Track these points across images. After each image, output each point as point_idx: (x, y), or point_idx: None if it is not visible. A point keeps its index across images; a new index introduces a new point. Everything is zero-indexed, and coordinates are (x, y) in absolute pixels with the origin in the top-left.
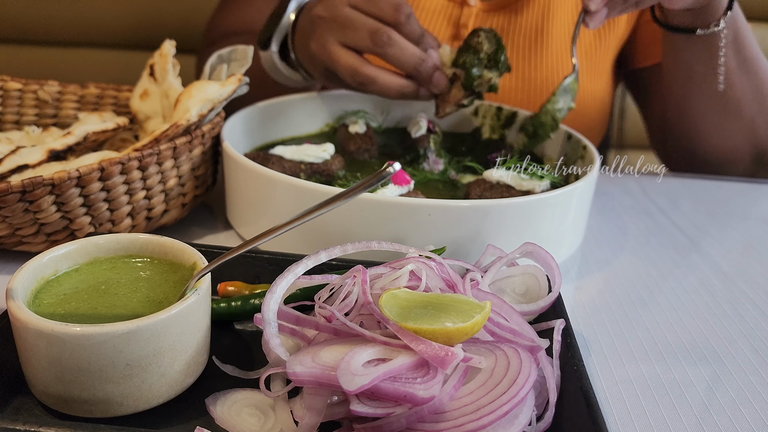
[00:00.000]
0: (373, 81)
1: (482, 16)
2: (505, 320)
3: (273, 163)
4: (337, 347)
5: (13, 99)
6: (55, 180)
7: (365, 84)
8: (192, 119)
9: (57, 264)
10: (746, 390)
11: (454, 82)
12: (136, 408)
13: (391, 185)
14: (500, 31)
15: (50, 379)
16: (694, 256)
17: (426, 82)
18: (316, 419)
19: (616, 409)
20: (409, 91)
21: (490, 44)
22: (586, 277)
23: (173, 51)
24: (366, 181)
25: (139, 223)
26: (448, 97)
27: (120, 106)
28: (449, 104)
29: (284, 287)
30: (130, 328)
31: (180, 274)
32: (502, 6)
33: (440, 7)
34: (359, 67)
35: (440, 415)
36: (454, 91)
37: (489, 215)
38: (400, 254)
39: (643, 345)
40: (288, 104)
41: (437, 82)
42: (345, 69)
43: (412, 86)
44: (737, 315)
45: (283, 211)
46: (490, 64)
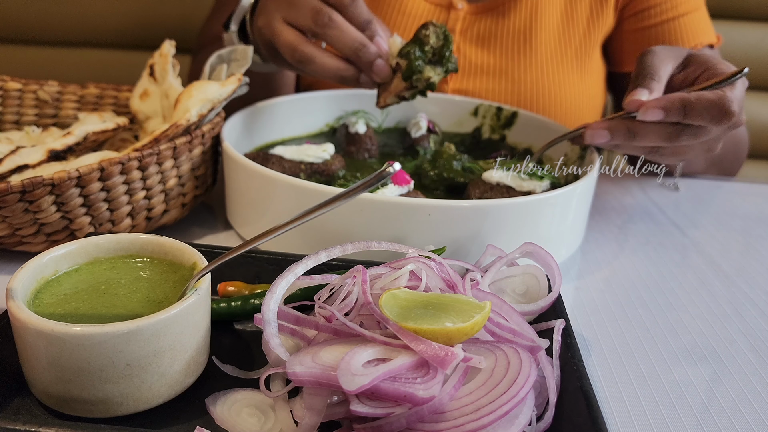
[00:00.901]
0: (311, 60)
1: (469, 19)
2: (505, 320)
3: (273, 163)
4: (337, 347)
5: (13, 99)
6: (55, 180)
7: (303, 62)
8: (192, 119)
9: (57, 264)
10: (746, 390)
11: (396, 72)
12: (136, 408)
13: (391, 185)
14: (488, 33)
15: (50, 379)
16: (694, 256)
17: (366, 68)
18: (316, 419)
19: (616, 409)
20: (348, 75)
21: (437, 38)
22: (586, 277)
23: (173, 51)
24: (366, 181)
25: (139, 223)
26: (390, 88)
27: (120, 106)
28: (390, 95)
29: (284, 287)
30: (130, 328)
31: (180, 274)
32: (488, 9)
33: (426, 12)
34: (298, 44)
35: (440, 415)
36: (396, 81)
37: (489, 215)
38: (400, 254)
39: (643, 345)
40: (288, 104)
41: (378, 70)
42: (285, 46)
43: (351, 71)
44: (737, 315)
45: (283, 211)
46: (434, 59)
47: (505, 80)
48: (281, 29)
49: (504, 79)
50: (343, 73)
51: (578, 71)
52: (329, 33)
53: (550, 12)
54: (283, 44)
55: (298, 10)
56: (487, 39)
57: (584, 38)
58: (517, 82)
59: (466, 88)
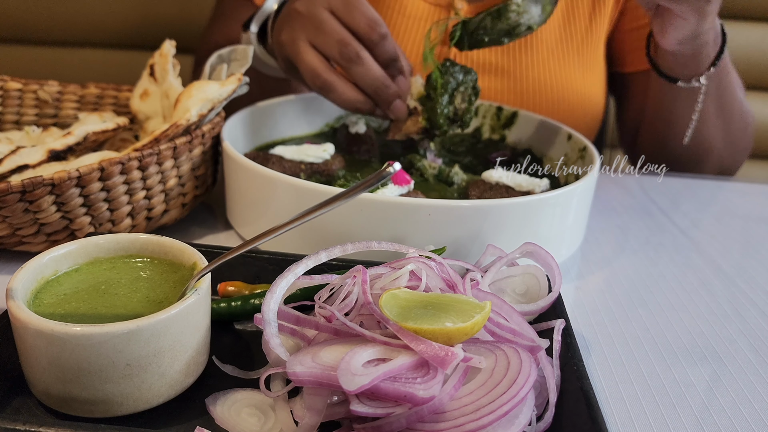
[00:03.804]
0: (331, 89)
1: None
2: (505, 320)
3: (273, 163)
4: (337, 347)
5: (13, 99)
6: (55, 180)
7: (323, 89)
8: (192, 119)
9: (57, 264)
10: (746, 390)
11: (412, 114)
12: (136, 408)
13: (391, 185)
14: None
15: (50, 379)
16: (694, 256)
17: (384, 106)
18: (316, 419)
19: (616, 409)
20: (365, 108)
21: (462, 100)
22: (586, 277)
23: (173, 51)
24: (366, 181)
25: (139, 223)
26: (402, 127)
27: (120, 106)
28: (401, 132)
29: (284, 287)
30: (130, 328)
31: (180, 274)
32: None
33: (426, 14)
34: (321, 71)
35: (440, 415)
36: (409, 123)
37: (489, 215)
38: (400, 254)
39: (643, 345)
40: (288, 104)
41: (395, 110)
42: (307, 69)
43: (368, 104)
44: (737, 315)
45: (283, 211)
46: (454, 118)
47: (507, 78)
48: (305, 51)
49: (506, 77)
50: (360, 106)
51: (580, 69)
52: (353, 68)
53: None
54: (305, 68)
55: (326, 37)
56: None
57: (586, 35)
58: (519, 80)
59: None
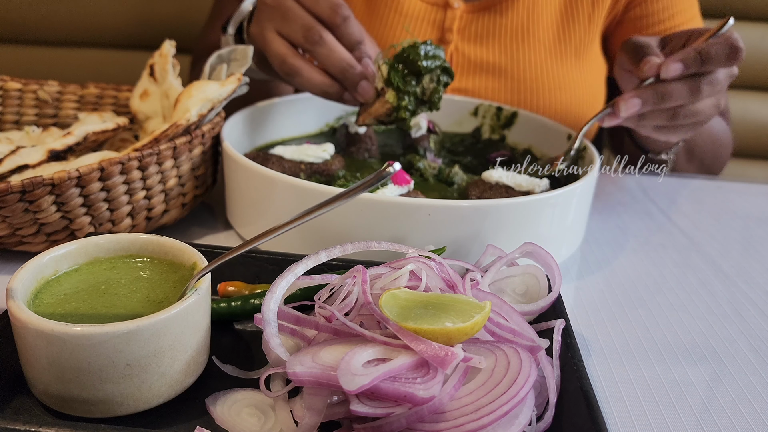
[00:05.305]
0: (298, 73)
1: (466, 17)
2: (505, 320)
3: (273, 163)
4: (337, 347)
5: (13, 99)
6: (55, 180)
7: (290, 74)
8: (192, 119)
9: (57, 264)
10: (746, 390)
11: (380, 96)
12: (136, 408)
13: (391, 185)
14: (485, 31)
15: (50, 379)
16: (694, 256)
17: (351, 88)
18: (316, 419)
19: (616, 409)
20: (332, 92)
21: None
22: (586, 277)
23: (173, 51)
24: (366, 181)
25: (139, 223)
26: (371, 110)
27: (120, 106)
28: (370, 116)
29: (284, 287)
30: (130, 328)
31: (180, 274)
32: (485, 7)
33: (423, 12)
34: (287, 57)
35: (440, 415)
36: (377, 105)
37: (489, 215)
38: (400, 254)
39: (643, 345)
40: (288, 104)
41: (362, 92)
42: (274, 56)
43: (336, 87)
44: (737, 315)
45: (283, 211)
46: (422, 99)
47: (504, 78)
48: (272, 40)
49: (503, 76)
50: (328, 89)
51: (578, 67)
52: (318, 51)
53: (547, 8)
54: (272, 55)
55: (291, 24)
56: (485, 37)
57: (583, 34)
58: (517, 80)
59: (465, 87)
